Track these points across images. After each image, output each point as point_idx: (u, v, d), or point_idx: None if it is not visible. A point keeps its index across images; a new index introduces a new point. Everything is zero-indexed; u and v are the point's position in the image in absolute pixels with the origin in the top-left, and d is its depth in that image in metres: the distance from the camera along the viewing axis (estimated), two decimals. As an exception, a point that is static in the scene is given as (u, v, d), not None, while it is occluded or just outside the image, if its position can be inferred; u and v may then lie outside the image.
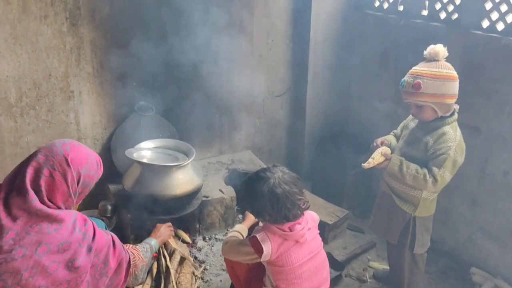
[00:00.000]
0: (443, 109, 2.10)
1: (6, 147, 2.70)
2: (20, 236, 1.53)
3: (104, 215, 2.73)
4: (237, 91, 3.38)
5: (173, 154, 2.81)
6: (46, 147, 1.69)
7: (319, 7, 3.34)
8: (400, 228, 2.28)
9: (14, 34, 2.52)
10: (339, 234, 3.09)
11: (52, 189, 1.62)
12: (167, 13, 2.86)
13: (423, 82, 2.04)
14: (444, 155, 2.08)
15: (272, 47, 3.42)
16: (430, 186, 2.12)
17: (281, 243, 1.87)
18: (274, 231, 1.88)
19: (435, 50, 2.07)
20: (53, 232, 1.57)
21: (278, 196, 1.82)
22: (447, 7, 2.80)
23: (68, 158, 1.66)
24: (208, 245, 2.93)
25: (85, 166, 1.72)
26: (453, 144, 2.08)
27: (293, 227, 1.88)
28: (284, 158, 3.82)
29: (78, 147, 1.74)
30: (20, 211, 1.55)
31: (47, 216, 1.57)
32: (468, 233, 2.81)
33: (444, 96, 2.05)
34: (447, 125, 2.12)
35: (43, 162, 1.63)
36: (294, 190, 1.85)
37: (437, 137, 2.11)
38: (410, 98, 2.12)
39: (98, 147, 3.01)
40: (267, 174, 1.88)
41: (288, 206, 1.82)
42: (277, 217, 1.85)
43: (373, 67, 3.36)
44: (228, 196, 3.00)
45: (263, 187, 1.83)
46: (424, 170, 2.12)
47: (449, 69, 2.07)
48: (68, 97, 2.80)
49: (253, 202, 1.90)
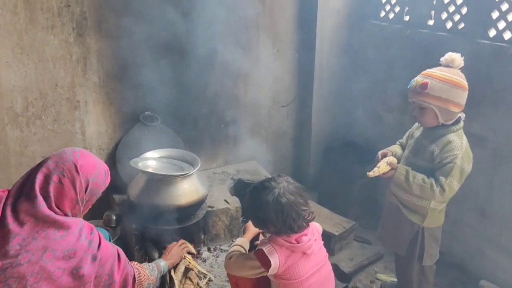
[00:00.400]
0: (445, 115, 2.07)
1: (12, 157, 2.70)
2: (26, 241, 1.53)
3: (109, 225, 2.72)
4: (243, 100, 3.39)
5: (178, 164, 2.80)
6: (56, 154, 1.71)
7: (325, 17, 3.35)
8: (408, 239, 2.25)
9: (21, 44, 2.54)
10: (345, 246, 3.05)
11: (61, 195, 1.64)
12: (173, 24, 2.87)
13: (430, 82, 2.03)
14: (451, 163, 2.05)
15: (277, 57, 3.42)
16: (437, 196, 2.08)
17: (289, 255, 1.84)
18: (281, 243, 1.84)
19: (452, 57, 2.07)
20: (59, 238, 1.57)
21: (283, 206, 1.79)
22: (453, 17, 2.79)
23: (78, 165, 1.68)
24: (213, 256, 2.90)
25: (94, 174, 1.74)
26: (459, 152, 2.05)
27: (300, 239, 1.84)
28: (290, 168, 3.79)
29: (88, 155, 1.77)
30: (27, 216, 1.56)
31: (54, 222, 1.58)
32: (477, 245, 2.76)
33: (449, 102, 2.03)
34: (452, 133, 2.09)
35: (52, 169, 1.65)
36: (299, 200, 1.83)
37: (442, 146, 2.09)
38: (415, 97, 2.10)
39: (104, 156, 3.01)
40: (272, 183, 1.85)
41: (293, 217, 1.79)
42: (282, 228, 1.82)
43: (379, 77, 3.35)
44: (233, 207, 2.98)
45: (268, 197, 1.81)
46: (431, 180, 2.09)
47: (460, 77, 2.05)
48: (74, 107, 2.81)
49: (257, 212, 1.87)
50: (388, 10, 3.28)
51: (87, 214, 2.86)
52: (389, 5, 3.27)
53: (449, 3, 2.80)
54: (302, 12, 3.38)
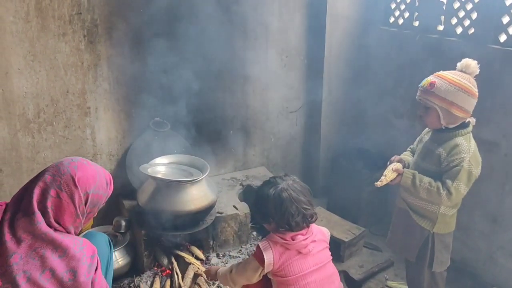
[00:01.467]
0: (448, 118, 2.05)
1: (24, 163, 2.73)
2: (24, 260, 1.49)
3: (118, 230, 2.73)
4: (252, 107, 3.39)
5: (187, 169, 2.81)
6: (53, 166, 1.65)
7: (334, 24, 3.35)
8: (418, 245, 2.22)
9: (33, 51, 2.57)
10: (355, 252, 3.03)
11: (59, 210, 1.59)
12: (182, 31, 2.90)
13: (438, 82, 2.02)
14: (458, 167, 2.03)
15: (286, 63, 3.43)
16: (444, 200, 2.06)
17: (283, 252, 1.87)
18: (276, 239, 1.88)
19: (467, 63, 2.05)
20: (57, 258, 1.53)
21: (283, 200, 1.84)
22: (463, 22, 2.77)
23: (75, 178, 1.62)
24: (222, 262, 2.89)
25: (93, 186, 1.67)
26: (466, 156, 2.03)
27: (295, 237, 1.87)
28: (299, 174, 3.78)
29: (86, 165, 1.69)
30: (25, 234, 1.52)
31: (52, 241, 1.53)
32: (489, 252, 2.73)
33: (453, 104, 2.01)
34: (460, 137, 2.07)
35: (49, 182, 1.59)
36: (301, 198, 1.86)
37: (450, 149, 2.07)
38: (422, 96, 2.09)
39: (113, 162, 3.03)
40: (277, 180, 1.92)
41: (291, 212, 1.83)
42: (280, 222, 1.85)
43: (388, 82, 3.33)
44: (242, 213, 2.98)
45: (270, 190, 1.87)
46: (438, 183, 2.07)
47: (471, 83, 2.02)
48: (84, 113, 2.83)
49: (259, 205, 1.93)
50: (398, 16, 3.27)
51: (96, 219, 2.90)
52: (398, 11, 3.26)
53: (459, 8, 2.79)
54: (311, 19, 3.38)
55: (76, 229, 1.67)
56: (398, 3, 3.25)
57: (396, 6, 3.28)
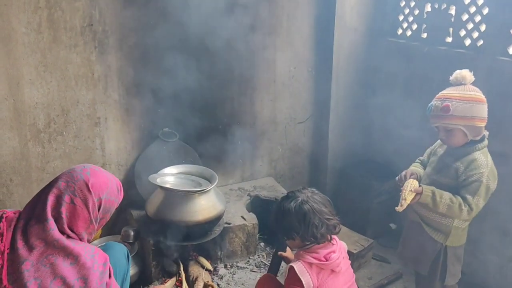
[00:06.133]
0: (473, 132, 2.06)
1: (33, 172, 2.75)
2: (35, 267, 1.50)
3: (127, 240, 2.73)
4: (260, 117, 3.40)
5: (196, 180, 2.82)
6: (66, 173, 1.67)
7: (342, 35, 3.36)
8: (431, 258, 2.20)
9: (45, 62, 2.60)
10: (363, 264, 3.01)
11: (73, 215, 1.60)
12: (190, 42, 2.92)
13: (451, 104, 2.02)
14: (477, 182, 2.03)
15: (294, 75, 3.44)
16: (464, 215, 2.05)
17: (319, 272, 1.84)
18: (310, 260, 1.84)
19: (462, 74, 2.06)
20: (69, 266, 1.54)
21: (305, 212, 1.82)
22: (472, 34, 2.78)
23: (89, 183, 1.64)
24: (230, 273, 2.88)
25: (106, 191, 1.70)
26: (485, 171, 2.03)
27: (329, 256, 1.84)
28: (307, 185, 3.73)
29: (99, 172, 1.72)
30: (37, 240, 1.53)
31: (63, 249, 1.54)
32: (499, 265, 2.70)
33: (474, 118, 2.02)
34: (477, 151, 2.07)
35: (63, 189, 1.61)
36: (323, 209, 1.85)
37: (468, 163, 2.06)
38: (439, 122, 2.08)
39: (122, 172, 3.04)
40: (296, 193, 1.91)
41: (315, 224, 1.81)
42: (305, 235, 1.83)
43: (396, 94, 3.33)
44: (250, 223, 2.97)
45: (291, 204, 1.86)
46: (459, 199, 2.05)
47: (477, 92, 2.05)
48: (94, 123, 2.85)
49: (281, 220, 1.90)
50: (406, 28, 3.28)
51: (105, 229, 2.91)
52: (406, 23, 3.27)
53: (467, 20, 2.80)
54: (319, 30, 3.40)
55: (89, 235, 1.68)
56: (406, 15, 3.27)
57: (404, 18, 3.29)
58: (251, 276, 2.85)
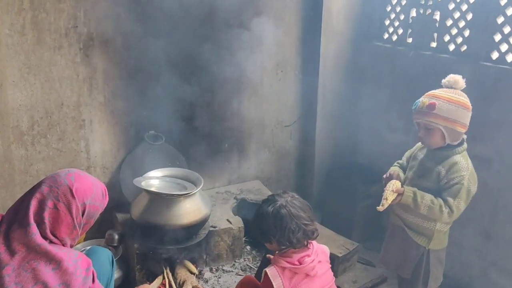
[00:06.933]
0: (452, 136, 2.08)
1: (16, 175, 2.72)
2: (16, 272, 1.49)
3: (111, 244, 2.71)
4: (247, 120, 3.40)
5: (181, 183, 2.81)
6: (50, 178, 1.65)
7: (329, 39, 3.38)
8: (414, 261, 2.22)
9: (28, 64, 2.58)
10: (349, 268, 3.02)
11: (56, 221, 1.58)
12: (176, 45, 2.92)
13: (438, 103, 2.04)
14: (458, 185, 2.05)
15: (281, 78, 3.44)
16: (445, 217, 2.07)
17: (292, 276, 1.84)
18: (284, 265, 1.84)
19: (455, 79, 2.09)
20: (51, 271, 1.52)
21: (282, 216, 1.83)
22: (456, 39, 2.81)
23: (73, 188, 1.62)
24: (215, 276, 2.87)
25: (90, 197, 1.68)
26: (466, 174, 2.06)
27: (302, 260, 1.84)
28: (293, 188, 3.78)
29: (83, 176, 1.70)
30: (19, 245, 1.51)
31: (46, 254, 1.53)
32: (482, 268, 2.72)
33: (456, 122, 2.04)
34: (457, 154, 2.10)
35: (47, 194, 1.59)
36: (301, 214, 1.85)
37: (449, 167, 2.09)
38: (422, 118, 2.10)
39: (108, 175, 3.02)
40: (275, 197, 1.92)
41: (291, 228, 1.81)
42: (281, 239, 1.83)
43: (382, 97, 3.36)
44: (236, 227, 2.96)
45: (269, 208, 1.86)
46: (440, 201, 2.08)
47: (465, 98, 2.07)
48: (79, 126, 2.83)
49: (259, 224, 1.91)
50: (391, 32, 3.31)
51: (89, 232, 2.88)
52: (392, 27, 3.30)
53: (451, 26, 2.83)
54: (306, 34, 3.41)
55: (72, 241, 1.66)
56: (392, 20, 3.29)
57: (390, 22, 3.32)
58: (237, 280, 2.84)
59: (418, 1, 3.04)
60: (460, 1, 2.76)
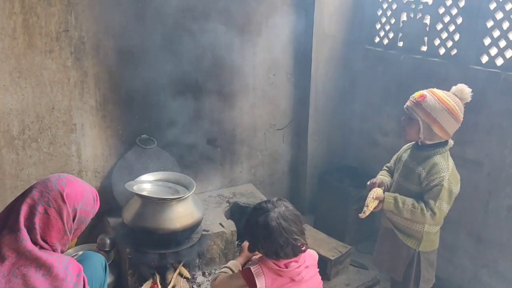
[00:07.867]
0: (426, 133, 2.09)
1: (7, 180, 2.70)
2: (6, 278, 1.47)
3: (103, 248, 2.69)
4: (239, 124, 3.40)
5: (173, 187, 2.80)
6: (41, 183, 1.64)
7: (320, 42, 3.40)
8: (405, 263, 2.23)
9: (19, 68, 2.56)
10: (341, 270, 3.02)
11: (47, 226, 1.57)
12: (169, 49, 2.92)
13: (428, 98, 2.05)
14: (438, 186, 2.06)
15: (273, 81, 3.45)
16: (428, 220, 2.09)
17: (275, 278, 1.81)
18: (270, 265, 1.82)
19: (462, 88, 2.09)
20: (41, 277, 1.51)
21: (272, 229, 1.76)
22: (446, 43, 2.83)
23: (64, 193, 1.61)
24: (208, 280, 2.86)
25: (81, 202, 1.67)
26: (445, 174, 2.06)
27: (289, 264, 1.82)
28: (286, 191, 3.79)
29: (74, 181, 1.69)
30: (9, 251, 1.50)
31: (36, 260, 1.51)
32: (474, 271, 2.74)
33: (435, 122, 2.04)
34: (438, 155, 2.11)
35: (37, 199, 1.58)
36: (292, 228, 1.78)
37: (429, 168, 2.10)
38: (410, 105, 2.12)
39: (99, 180, 3.00)
40: (268, 206, 1.83)
41: (280, 243, 1.75)
42: (268, 252, 1.80)
43: (374, 101, 3.38)
44: (229, 230, 2.96)
45: (260, 218, 1.80)
46: (421, 204, 2.09)
47: (458, 106, 2.06)
48: (70, 130, 2.82)
49: (248, 231, 1.87)
50: (383, 36, 3.33)
51: (81, 237, 2.86)
52: (383, 31, 3.32)
53: (442, 30, 2.85)
54: (298, 37, 3.42)
55: (63, 246, 1.65)
56: (383, 24, 3.32)
57: (381, 26, 3.34)
58: (229, 284, 2.84)
59: (408, 6, 3.07)
60: (450, 5, 2.78)
